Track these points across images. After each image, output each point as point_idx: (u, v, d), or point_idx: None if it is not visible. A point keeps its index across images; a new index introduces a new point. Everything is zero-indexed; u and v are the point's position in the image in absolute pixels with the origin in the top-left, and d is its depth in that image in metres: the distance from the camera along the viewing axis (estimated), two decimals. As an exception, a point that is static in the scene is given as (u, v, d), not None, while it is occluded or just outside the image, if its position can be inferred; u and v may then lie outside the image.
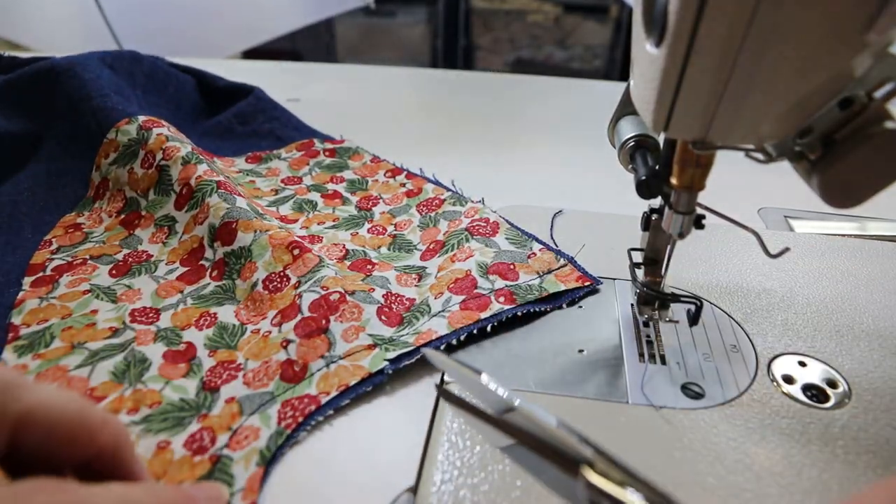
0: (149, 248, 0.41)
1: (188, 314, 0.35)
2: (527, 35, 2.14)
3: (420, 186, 0.49)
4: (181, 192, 0.43)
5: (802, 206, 0.49)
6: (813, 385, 0.31)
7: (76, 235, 0.43)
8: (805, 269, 0.40)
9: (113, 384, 0.30)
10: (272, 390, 0.30)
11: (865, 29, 0.19)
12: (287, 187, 0.50)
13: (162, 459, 0.26)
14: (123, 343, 0.33)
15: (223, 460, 0.26)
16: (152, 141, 0.46)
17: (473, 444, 0.27)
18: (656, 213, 0.32)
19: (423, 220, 0.44)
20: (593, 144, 0.45)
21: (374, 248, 0.42)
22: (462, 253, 0.39)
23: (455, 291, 0.36)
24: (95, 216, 0.45)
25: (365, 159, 0.54)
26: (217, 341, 0.33)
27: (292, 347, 0.31)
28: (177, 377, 0.31)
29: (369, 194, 0.49)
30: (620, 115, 0.35)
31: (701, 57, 0.21)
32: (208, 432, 0.28)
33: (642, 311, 0.33)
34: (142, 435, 0.27)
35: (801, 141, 0.25)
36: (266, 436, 0.27)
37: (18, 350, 0.32)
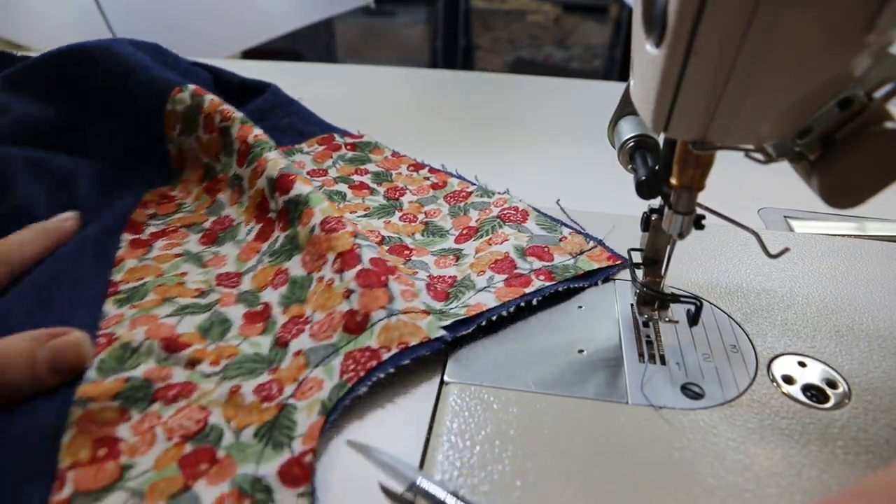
0: (230, 213, 0.44)
1: (265, 274, 0.38)
2: (526, 35, 2.13)
3: (444, 180, 0.50)
4: (240, 150, 0.45)
5: (802, 206, 0.49)
6: (813, 385, 0.31)
7: (170, 206, 0.46)
8: (805, 270, 0.40)
9: (198, 336, 0.33)
10: (335, 342, 0.31)
11: (865, 29, 0.19)
12: (314, 179, 0.50)
13: (234, 403, 0.29)
14: (208, 304, 0.35)
15: (288, 408, 0.28)
16: (207, 105, 0.47)
17: (473, 445, 0.27)
18: (656, 214, 0.32)
19: (452, 209, 0.46)
20: (593, 144, 0.45)
21: (409, 234, 0.43)
22: (497, 237, 0.40)
23: (496, 271, 0.37)
24: (185, 186, 0.48)
25: (386, 154, 0.55)
26: (289, 297, 0.35)
27: (354, 297, 0.32)
28: (254, 335, 0.33)
29: (395, 185, 0.50)
30: (620, 116, 0.35)
31: (700, 57, 0.21)
32: (277, 384, 0.30)
33: (642, 311, 0.33)
34: (219, 383, 0.30)
35: (801, 141, 0.25)
36: (329, 387, 0.29)
37: (117, 302, 0.35)
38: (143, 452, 0.26)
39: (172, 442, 0.27)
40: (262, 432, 0.27)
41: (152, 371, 0.30)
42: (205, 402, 0.29)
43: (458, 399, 0.29)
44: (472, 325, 0.33)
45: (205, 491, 0.25)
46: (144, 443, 0.27)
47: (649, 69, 0.23)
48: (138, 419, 0.28)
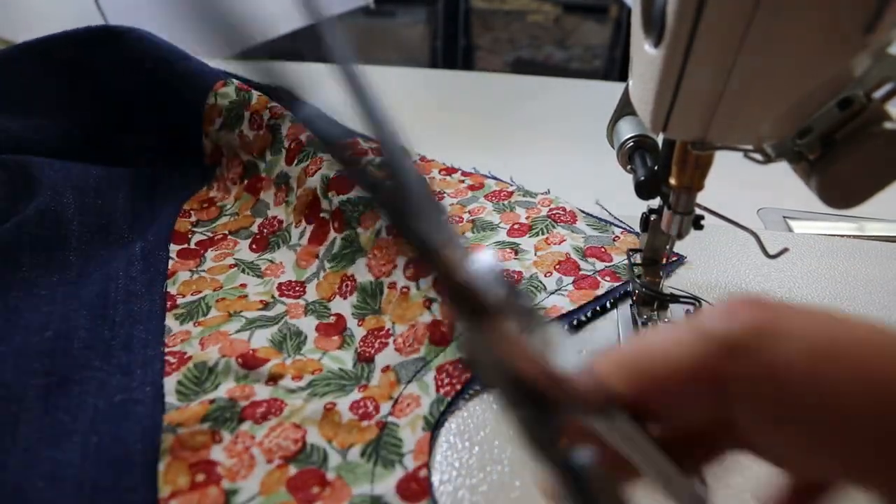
0: (277, 213, 0.42)
1: (330, 282, 0.37)
2: (526, 35, 2.13)
3: (480, 182, 0.49)
4: (290, 147, 0.43)
5: (801, 206, 0.49)
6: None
7: (212, 211, 0.45)
8: (804, 270, 0.40)
9: (273, 350, 0.31)
10: (424, 355, 0.31)
11: (864, 29, 0.19)
12: None
13: (331, 421, 0.28)
14: (276, 316, 0.34)
15: (389, 426, 0.28)
16: (255, 101, 0.45)
17: (472, 445, 0.27)
18: (655, 214, 0.32)
19: (497, 206, 0.45)
20: (592, 145, 0.45)
21: (466, 231, 0.42)
22: (554, 237, 0.40)
23: (562, 272, 0.37)
24: (222, 185, 0.46)
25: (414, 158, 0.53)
26: (362, 308, 0.34)
27: (435, 307, 0.32)
28: (332, 349, 0.32)
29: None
30: (619, 116, 0.35)
31: (700, 57, 0.21)
32: (371, 401, 0.29)
33: (641, 311, 0.33)
34: (308, 399, 0.29)
35: (801, 141, 0.25)
36: (427, 403, 0.28)
37: (179, 318, 0.34)
38: (244, 476, 0.25)
39: (274, 464, 0.26)
40: (369, 451, 0.27)
41: (234, 390, 0.28)
42: (298, 419, 0.27)
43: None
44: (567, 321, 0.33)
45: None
46: (243, 465, 0.26)
47: (648, 69, 0.23)
48: (230, 440, 0.26)
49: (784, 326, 0.15)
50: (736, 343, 0.15)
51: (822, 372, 0.14)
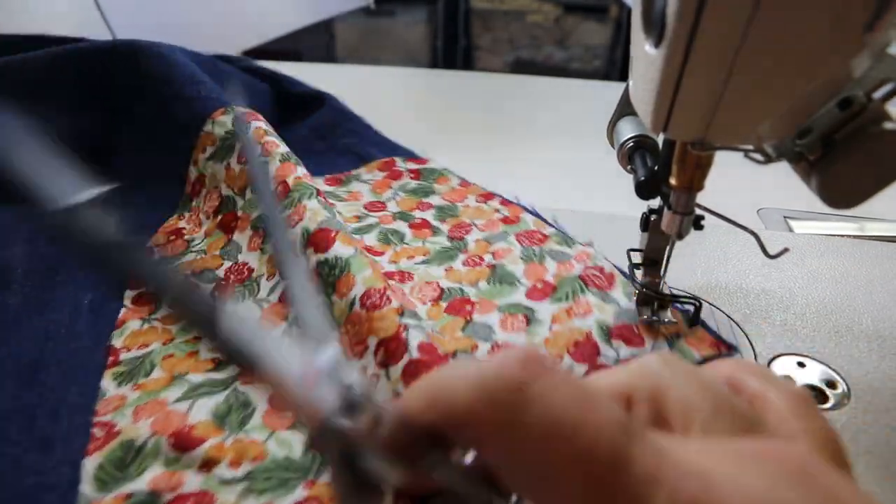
0: (248, 259, 0.39)
1: None
2: (526, 35, 2.13)
3: (517, 215, 0.44)
4: (275, 190, 0.39)
5: (802, 206, 0.49)
6: (812, 386, 0.31)
7: (178, 244, 0.41)
8: (804, 270, 0.40)
9: (214, 427, 0.28)
10: None
11: (865, 29, 0.19)
12: (370, 214, 0.46)
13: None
14: (224, 380, 0.30)
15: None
16: (251, 133, 0.42)
17: (472, 445, 0.27)
18: (655, 214, 0.32)
19: (525, 252, 0.40)
20: (592, 145, 0.45)
21: (472, 282, 0.37)
22: (579, 307, 0.34)
23: (576, 358, 0.31)
24: (195, 217, 0.43)
25: (452, 183, 0.49)
26: None
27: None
28: (282, 428, 0.28)
29: (461, 221, 0.44)
30: (620, 116, 0.35)
31: (700, 57, 0.21)
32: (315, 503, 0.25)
33: (641, 311, 0.33)
34: (244, 494, 0.25)
35: (801, 141, 0.25)
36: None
37: (118, 377, 0.31)
38: None
39: None
40: None
41: (160, 479, 0.25)
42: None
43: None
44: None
45: None
46: None
47: (648, 69, 0.23)
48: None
49: (533, 393, 0.15)
50: (495, 400, 0.15)
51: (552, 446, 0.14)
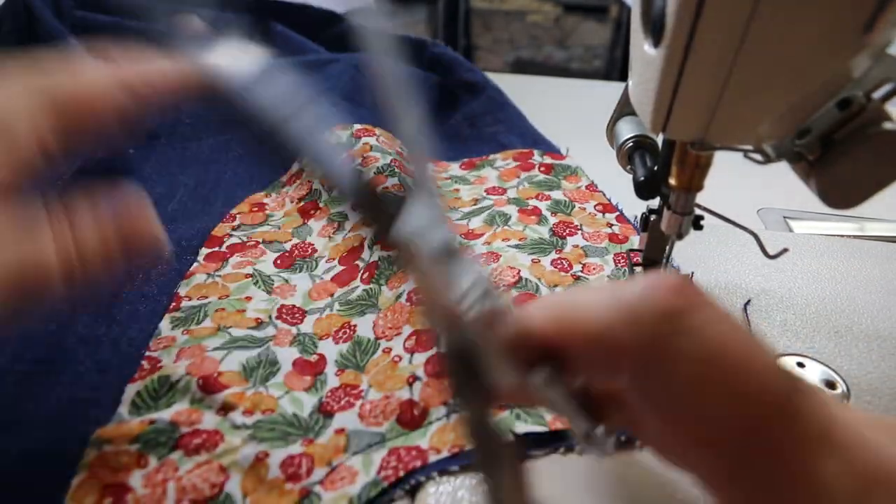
0: (315, 242, 0.42)
1: (331, 322, 0.35)
2: (526, 35, 2.13)
3: (628, 235, 0.43)
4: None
5: (801, 206, 0.49)
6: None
7: (258, 216, 0.45)
8: (804, 270, 0.40)
9: (239, 377, 0.30)
10: (384, 431, 0.28)
11: (864, 30, 0.19)
12: (488, 197, 0.47)
13: (256, 473, 0.26)
14: (262, 339, 0.33)
15: (311, 497, 0.25)
16: (357, 148, 0.46)
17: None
18: (655, 214, 0.32)
19: (615, 273, 0.39)
20: (592, 145, 0.45)
21: (551, 285, 0.37)
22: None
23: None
24: (280, 199, 0.47)
25: (581, 183, 0.49)
26: (348, 360, 0.32)
27: (417, 386, 0.30)
28: (299, 389, 0.30)
29: (570, 221, 0.44)
30: (619, 116, 0.35)
31: (699, 58, 0.21)
32: (307, 460, 0.27)
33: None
34: (248, 440, 0.27)
35: (800, 141, 0.25)
36: (361, 482, 0.26)
37: (174, 321, 0.34)
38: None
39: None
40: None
41: (181, 414, 0.28)
42: (227, 461, 0.26)
43: (456, 399, 0.29)
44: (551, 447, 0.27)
45: None
46: (153, 500, 0.25)
47: (648, 70, 0.23)
48: (155, 467, 0.26)
49: (690, 324, 0.15)
50: (641, 324, 0.15)
51: (709, 378, 0.14)
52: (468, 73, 0.65)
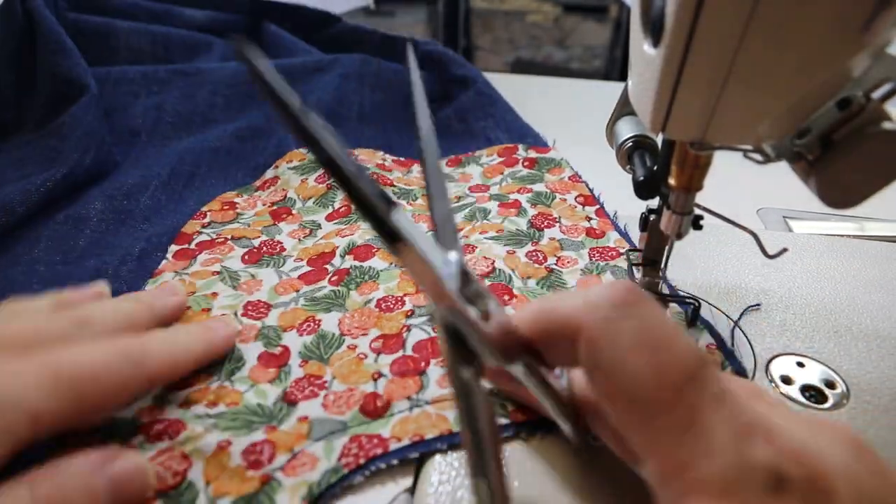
0: (284, 241, 0.42)
1: (295, 315, 0.35)
2: (526, 35, 2.13)
3: (605, 231, 0.43)
4: (338, 210, 0.45)
5: (801, 206, 0.49)
6: (811, 386, 0.31)
7: (229, 213, 0.46)
8: (804, 270, 0.40)
9: (205, 374, 0.30)
10: (346, 420, 0.28)
11: (864, 29, 0.19)
12: (471, 194, 0.48)
13: (218, 461, 0.26)
14: None
15: (272, 483, 0.26)
16: None
17: (471, 445, 0.27)
18: (654, 214, 0.32)
19: (589, 266, 0.39)
20: (592, 144, 0.45)
21: (524, 276, 0.38)
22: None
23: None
24: (252, 201, 0.48)
25: (563, 175, 0.49)
26: (312, 351, 0.32)
27: (382, 382, 0.30)
28: (264, 381, 0.30)
29: (549, 212, 0.44)
30: (619, 116, 0.35)
31: (698, 57, 0.21)
32: (269, 446, 0.27)
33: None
34: (210, 429, 0.27)
35: (800, 141, 0.25)
36: (322, 469, 0.26)
37: None
38: None
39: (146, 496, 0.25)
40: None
41: (144, 411, 0.28)
42: (189, 448, 0.26)
43: (456, 399, 0.29)
44: (510, 432, 0.28)
45: None
46: None
47: (647, 69, 0.23)
48: None
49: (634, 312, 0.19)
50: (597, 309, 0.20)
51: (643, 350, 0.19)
52: (460, 68, 0.66)
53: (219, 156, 0.53)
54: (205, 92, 0.60)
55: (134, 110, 0.58)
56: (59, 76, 0.51)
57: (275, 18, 0.74)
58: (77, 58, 0.53)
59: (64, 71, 0.52)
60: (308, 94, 0.62)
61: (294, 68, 0.64)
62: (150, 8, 0.70)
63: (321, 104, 0.59)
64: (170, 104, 0.59)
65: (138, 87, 0.60)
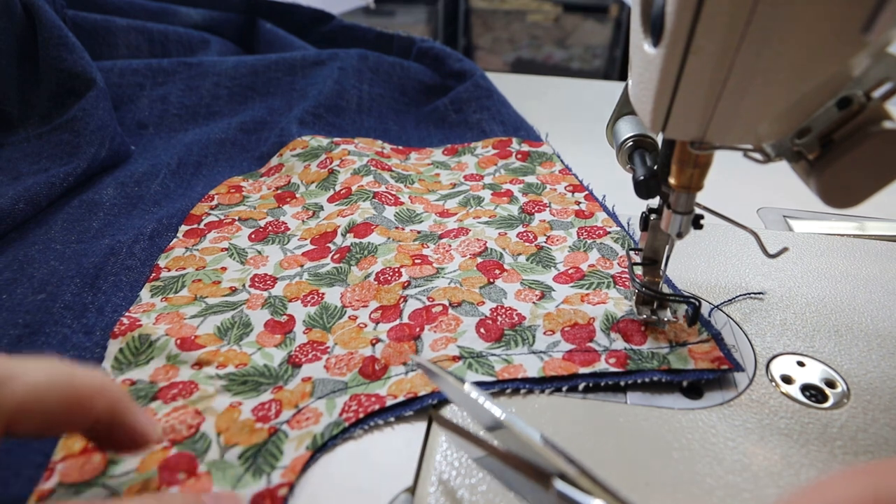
0: (289, 222, 0.45)
1: (300, 287, 0.37)
2: (526, 35, 2.13)
3: (593, 212, 0.44)
4: (339, 192, 0.47)
5: (801, 206, 0.49)
6: (811, 385, 0.31)
7: (235, 196, 0.48)
8: (804, 269, 0.40)
9: (215, 338, 0.33)
10: (347, 380, 0.31)
11: (863, 29, 0.19)
12: (466, 183, 0.50)
13: (229, 417, 0.28)
14: (236, 303, 0.36)
15: (279, 434, 0.28)
16: (336, 151, 0.51)
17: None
18: (655, 214, 0.32)
19: (577, 244, 0.41)
20: (592, 144, 0.45)
21: (514, 254, 0.40)
22: (596, 296, 0.35)
23: (568, 338, 0.32)
24: (258, 185, 0.50)
25: (554, 168, 0.51)
26: (316, 320, 0.35)
27: (379, 346, 0.32)
28: (270, 345, 0.33)
29: (540, 199, 0.46)
30: (619, 115, 0.35)
31: (699, 57, 0.21)
32: (276, 404, 0.29)
33: (641, 310, 0.33)
34: (220, 391, 0.30)
35: (800, 141, 0.25)
36: (325, 422, 0.28)
37: (154, 290, 0.37)
38: None
39: (161, 445, 0.27)
40: (248, 455, 0.27)
41: (158, 371, 0.30)
42: (202, 406, 0.29)
43: (456, 399, 0.29)
44: (495, 388, 0.30)
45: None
46: None
47: (647, 69, 0.23)
48: None
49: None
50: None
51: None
52: (458, 63, 0.67)
53: (224, 146, 0.55)
54: (209, 84, 0.62)
55: (140, 102, 0.59)
56: (64, 71, 0.52)
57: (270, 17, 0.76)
58: (81, 52, 0.54)
59: (69, 65, 0.52)
60: (310, 87, 0.63)
61: (295, 61, 0.66)
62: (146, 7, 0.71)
63: (322, 95, 0.60)
64: (175, 96, 0.60)
65: (143, 77, 0.61)
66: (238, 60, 0.64)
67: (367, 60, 0.66)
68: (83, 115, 0.50)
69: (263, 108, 0.60)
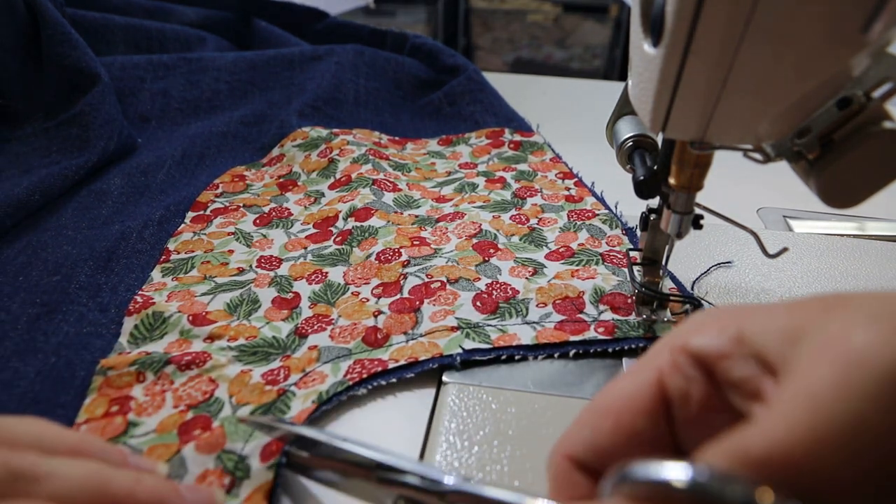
0: (292, 208, 0.47)
1: (304, 267, 0.39)
2: (526, 35, 2.13)
3: (582, 196, 0.46)
4: (339, 179, 0.49)
5: (801, 206, 0.49)
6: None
7: (239, 185, 0.50)
8: (804, 269, 0.40)
9: (225, 313, 0.35)
10: (351, 347, 0.32)
11: (863, 29, 0.19)
12: (460, 171, 0.52)
13: (240, 382, 0.30)
14: (244, 281, 0.38)
15: (287, 394, 0.30)
16: (336, 141, 0.53)
17: (471, 445, 0.27)
18: (655, 214, 0.32)
19: (567, 225, 0.43)
20: (592, 144, 0.45)
21: (508, 234, 0.42)
22: (586, 272, 0.37)
23: (559, 310, 0.34)
24: (260, 174, 0.52)
25: (545, 157, 0.53)
26: (320, 296, 0.37)
27: (381, 318, 0.34)
28: (277, 320, 0.35)
29: (531, 185, 0.49)
30: (619, 115, 0.35)
31: (698, 57, 0.21)
32: (285, 370, 0.31)
33: (641, 311, 0.33)
34: (232, 361, 0.31)
35: (800, 141, 0.25)
36: (330, 382, 0.30)
37: (164, 271, 0.39)
38: (149, 413, 0.29)
39: (178, 409, 0.29)
40: (259, 412, 0.29)
41: (172, 345, 0.32)
42: (215, 374, 0.30)
43: (456, 399, 0.29)
44: (491, 354, 0.32)
45: (193, 456, 0.26)
46: (153, 404, 0.29)
47: (647, 69, 0.23)
48: (153, 380, 0.30)
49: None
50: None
51: None
52: (451, 58, 0.69)
53: (227, 139, 0.56)
54: (209, 79, 0.62)
55: (141, 95, 0.60)
56: (69, 67, 0.53)
57: (264, 15, 0.76)
58: (84, 48, 0.54)
59: (72, 62, 0.53)
60: (308, 81, 0.64)
61: (293, 56, 0.67)
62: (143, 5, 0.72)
63: (320, 89, 0.61)
64: (176, 91, 0.61)
65: (143, 71, 0.62)
66: (237, 56, 0.65)
67: (362, 55, 0.68)
68: (90, 109, 0.51)
69: (263, 102, 0.61)
